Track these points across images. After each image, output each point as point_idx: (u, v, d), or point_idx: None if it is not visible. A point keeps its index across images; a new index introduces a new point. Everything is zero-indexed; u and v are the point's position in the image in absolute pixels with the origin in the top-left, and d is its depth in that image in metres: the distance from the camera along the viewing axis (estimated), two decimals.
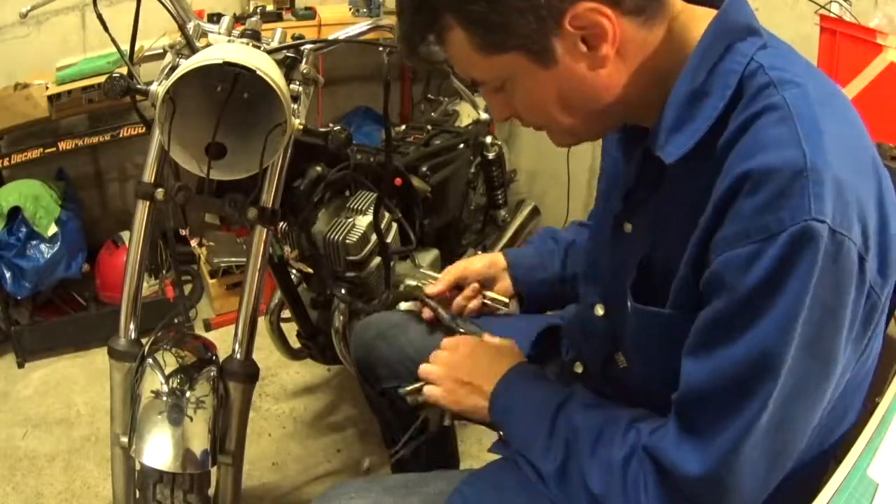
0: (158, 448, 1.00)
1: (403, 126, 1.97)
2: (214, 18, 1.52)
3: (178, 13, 1.08)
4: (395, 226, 1.56)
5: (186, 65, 0.93)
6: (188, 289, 2.35)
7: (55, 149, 2.01)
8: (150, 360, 1.05)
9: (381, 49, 1.28)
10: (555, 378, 1.00)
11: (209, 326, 2.24)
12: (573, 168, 2.47)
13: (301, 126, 1.04)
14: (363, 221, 1.46)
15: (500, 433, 0.89)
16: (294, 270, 1.54)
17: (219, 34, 1.08)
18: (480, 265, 1.16)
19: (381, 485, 0.90)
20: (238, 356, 1.10)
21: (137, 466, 1.08)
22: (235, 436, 1.09)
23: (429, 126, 1.92)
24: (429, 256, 1.69)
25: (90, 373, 2.05)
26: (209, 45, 1.04)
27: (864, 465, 0.66)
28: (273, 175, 1.10)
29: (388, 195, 1.54)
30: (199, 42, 1.07)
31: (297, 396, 2.01)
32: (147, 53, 1.41)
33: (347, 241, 1.43)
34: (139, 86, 1.05)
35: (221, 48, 0.99)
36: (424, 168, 1.68)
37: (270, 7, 2.27)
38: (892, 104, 1.30)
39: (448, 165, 1.77)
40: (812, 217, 0.57)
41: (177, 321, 1.44)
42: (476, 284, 1.15)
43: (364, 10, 2.33)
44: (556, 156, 2.48)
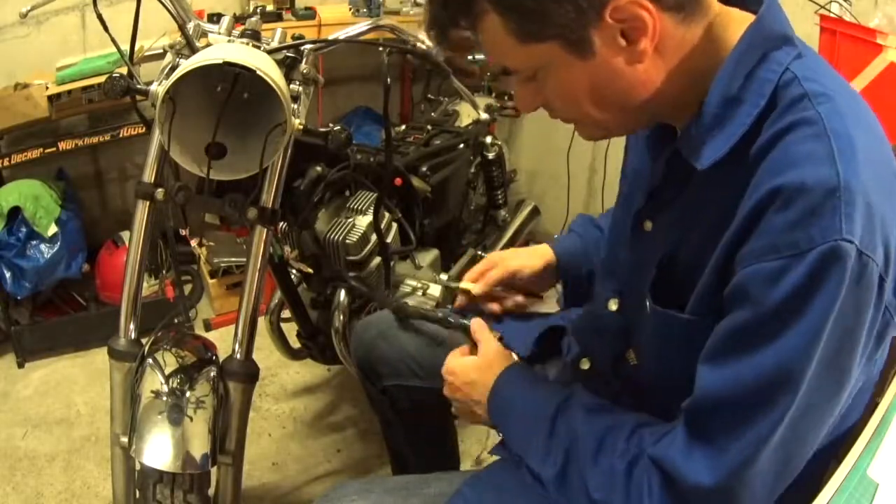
0: (158, 448, 1.00)
1: (403, 126, 1.96)
2: (214, 18, 1.51)
3: (178, 13, 1.08)
4: (395, 226, 1.56)
5: (186, 65, 0.93)
6: (188, 289, 2.35)
7: (55, 149, 2.01)
8: (150, 360, 1.05)
9: (381, 49, 1.28)
10: (555, 378, 1.00)
11: (209, 326, 2.24)
12: (573, 168, 2.47)
13: (301, 126, 1.04)
14: (363, 221, 1.46)
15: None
16: (294, 270, 1.54)
17: (219, 34, 1.08)
18: (539, 265, 1.11)
19: (382, 486, 0.90)
20: (238, 356, 1.10)
21: (137, 466, 1.08)
22: (235, 436, 1.09)
23: (429, 126, 1.92)
24: (429, 256, 1.69)
25: (90, 373, 2.05)
26: (209, 45, 1.04)
27: (864, 465, 0.66)
28: (273, 175, 1.10)
29: (388, 195, 1.54)
30: (199, 42, 1.07)
31: (297, 396, 2.01)
32: (147, 53, 1.41)
33: (347, 241, 1.43)
34: (139, 86, 1.05)
35: (221, 48, 0.99)
36: (424, 168, 1.68)
37: (270, 7, 2.27)
38: (892, 104, 1.30)
39: (448, 165, 1.77)
40: (842, 237, 0.57)
41: (177, 321, 1.44)
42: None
43: (364, 10, 2.33)
44: (556, 156, 2.48)
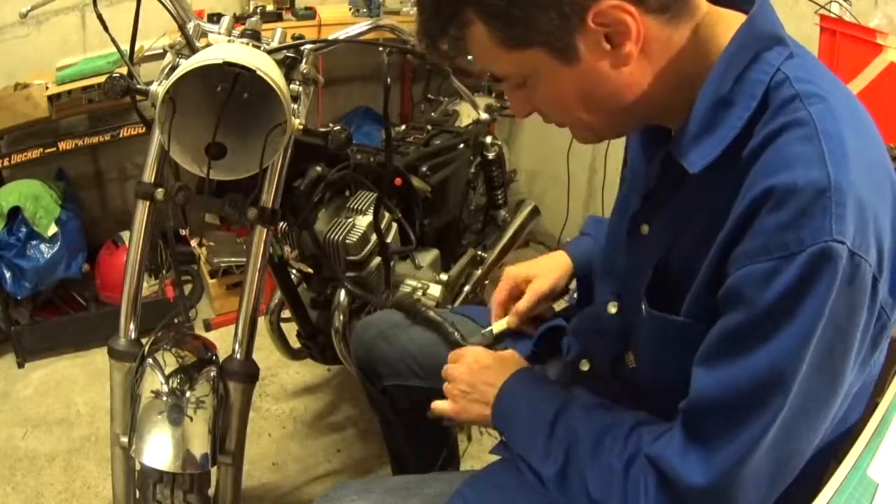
0: (158, 448, 1.00)
1: (403, 126, 1.96)
2: (214, 18, 1.52)
3: (178, 13, 1.08)
4: (395, 226, 1.56)
5: (186, 65, 0.93)
6: (188, 289, 2.35)
7: (55, 149, 2.01)
8: (150, 360, 1.05)
9: (381, 49, 1.28)
10: (556, 378, 1.00)
11: (209, 326, 2.25)
12: (573, 168, 2.47)
13: (301, 126, 1.04)
14: (363, 221, 1.46)
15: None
16: (294, 270, 1.54)
17: (219, 34, 1.08)
18: (563, 281, 1.10)
19: (382, 486, 0.90)
20: (238, 356, 1.10)
21: (137, 466, 1.08)
22: (235, 436, 1.09)
23: (429, 126, 1.92)
24: (429, 256, 1.69)
25: (90, 373, 2.05)
26: (209, 45, 1.04)
27: (864, 465, 0.66)
28: (273, 175, 1.10)
29: (388, 195, 1.54)
30: (199, 42, 1.07)
31: (297, 396, 2.01)
32: (147, 53, 1.41)
33: (347, 241, 1.43)
34: (139, 86, 1.05)
35: (221, 48, 0.99)
36: (424, 168, 1.68)
37: (270, 7, 2.27)
38: (892, 104, 1.30)
39: (448, 165, 1.77)
40: (833, 238, 0.57)
41: (177, 321, 1.44)
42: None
43: (364, 10, 2.33)
44: (556, 156, 2.48)
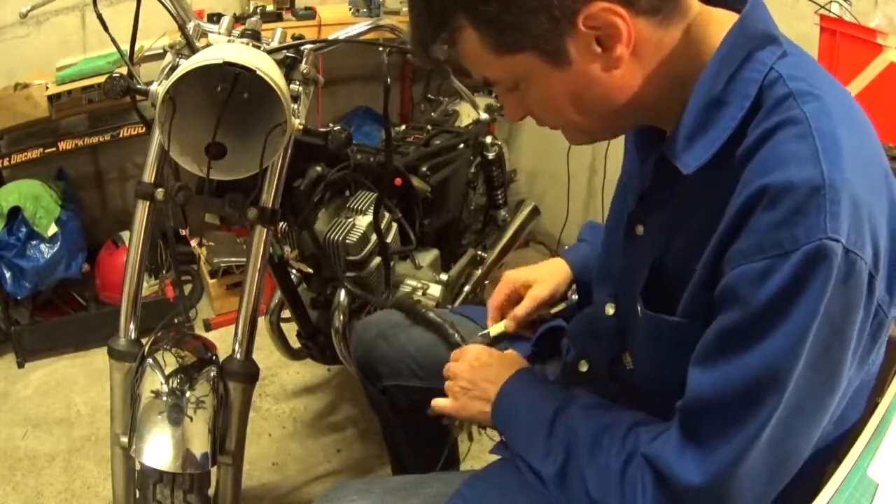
0: (158, 448, 1.00)
1: (403, 126, 1.96)
2: (214, 18, 1.52)
3: (178, 13, 1.08)
4: (395, 226, 1.56)
5: (186, 65, 0.93)
6: (188, 289, 2.35)
7: (55, 149, 2.01)
8: (150, 360, 1.05)
9: (381, 49, 1.28)
10: (556, 378, 1.00)
11: (209, 326, 2.24)
12: (573, 168, 2.47)
13: (301, 126, 1.04)
14: (363, 221, 1.46)
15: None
16: (294, 270, 1.54)
17: (219, 34, 1.08)
18: (562, 287, 1.11)
19: (382, 486, 0.90)
20: (238, 356, 1.10)
21: (137, 466, 1.08)
22: (235, 436, 1.09)
23: (429, 126, 1.92)
24: (429, 256, 1.69)
25: (90, 373, 2.05)
26: (209, 45, 1.04)
27: (864, 465, 0.66)
28: (273, 175, 1.10)
29: (388, 195, 1.54)
30: (199, 42, 1.07)
31: (297, 396, 2.01)
32: (147, 53, 1.41)
33: (347, 241, 1.43)
34: (139, 86, 1.05)
35: (221, 48, 0.99)
36: (424, 168, 1.68)
37: (270, 7, 2.27)
38: (892, 104, 1.30)
39: (448, 165, 1.77)
40: (827, 236, 0.57)
41: (177, 321, 1.44)
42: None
43: (364, 10, 2.33)
44: (556, 156, 2.48)
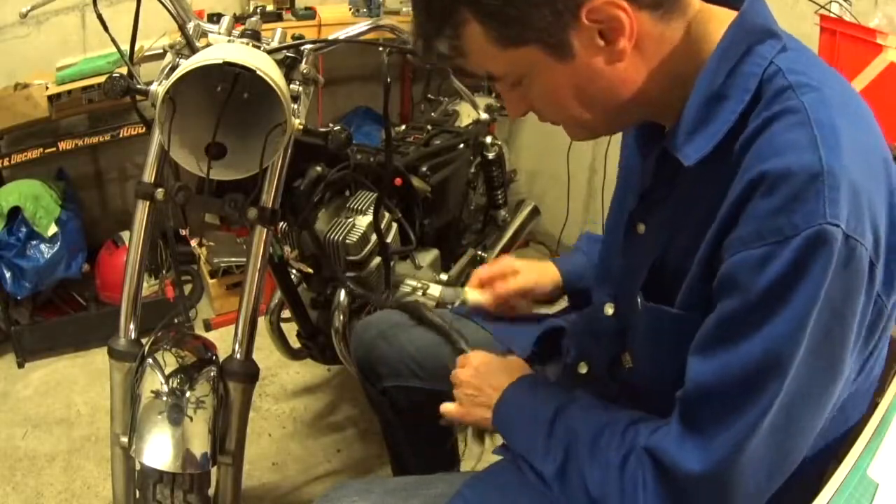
0: (158, 448, 1.00)
1: (403, 126, 1.96)
2: (214, 18, 1.51)
3: (178, 13, 1.08)
4: (395, 226, 1.56)
5: (186, 65, 0.93)
6: (188, 289, 2.35)
7: (55, 149, 2.00)
8: (150, 360, 1.05)
9: (381, 49, 1.28)
10: (556, 379, 1.01)
11: (209, 326, 2.24)
12: (573, 168, 2.47)
13: (301, 126, 1.04)
14: (363, 221, 1.46)
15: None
16: (294, 270, 1.54)
17: (219, 34, 1.08)
18: (549, 287, 1.12)
19: (383, 487, 0.90)
20: (238, 356, 1.10)
21: (137, 466, 1.08)
22: (235, 436, 1.09)
23: (429, 126, 1.92)
24: (429, 256, 1.69)
25: (90, 373, 2.05)
26: (209, 45, 1.04)
27: (864, 465, 0.66)
28: (273, 175, 1.10)
29: (388, 195, 1.54)
30: (199, 42, 1.07)
31: (297, 396, 2.01)
32: (147, 53, 1.41)
33: (347, 241, 1.43)
34: (139, 86, 1.05)
35: (221, 48, 0.99)
36: (424, 168, 1.68)
37: (270, 7, 2.27)
38: (892, 104, 1.30)
39: (448, 165, 1.77)
40: (827, 221, 0.57)
41: (177, 321, 1.44)
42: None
43: (364, 10, 2.33)
44: (556, 156, 2.48)
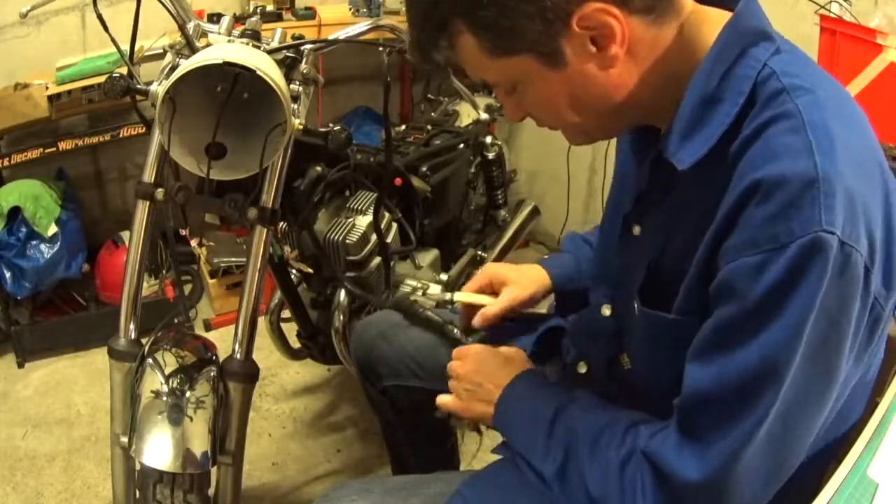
0: (158, 448, 1.00)
1: (403, 126, 1.96)
2: (214, 18, 1.51)
3: (178, 13, 1.08)
4: (395, 226, 1.56)
5: (186, 65, 0.93)
6: (188, 289, 2.35)
7: (55, 149, 2.01)
8: (150, 360, 1.05)
9: (381, 49, 1.28)
10: (556, 378, 1.01)
11: (209, 326, 2.24)
12: (573, 168, 2.47)
13: (301, 126, 1.04)
14: (363, 221, 1.46)
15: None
16: (294, 270, 1.54)
17: (219, 34, 1.08)
18: (537, 292, 1.10)
19: (382, 486, 0.90)
20: (238, 356, 1.10)
21: (137, 466, 1.08)
22: (235, 436, 1.09)
23: (429, 126, 1.92)
24: (429, 256, 1.69)
25: (90, 373, 2.05)
26: (209, 45, 1.04)
27: (864, 465, 0.66)
28: (273, 175, 1.10)
29: (388, 195, 1.54)
30: (199, 42, 1.07)
31: (297, 396, 2.01)
32: (147, 53, 1.41)
33: (347, 241, 1.43)
34: (139, 86, 1.05)
35: (221, 48, 0.99)
36: (424, 168, 1.68)
37: (270, 7, 2.27)
38: (892, 104, 1.30)
39: (448, 165, 1.77)
40: (822, 228, 0.57)
41: (177, 321, 1.44)
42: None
43: (364, 10, 2.33)
44: (556, 156, 2.48)
